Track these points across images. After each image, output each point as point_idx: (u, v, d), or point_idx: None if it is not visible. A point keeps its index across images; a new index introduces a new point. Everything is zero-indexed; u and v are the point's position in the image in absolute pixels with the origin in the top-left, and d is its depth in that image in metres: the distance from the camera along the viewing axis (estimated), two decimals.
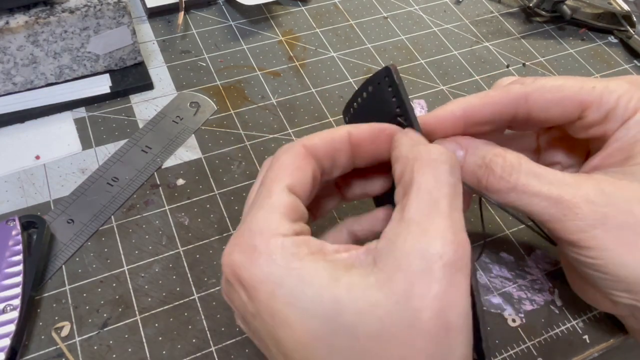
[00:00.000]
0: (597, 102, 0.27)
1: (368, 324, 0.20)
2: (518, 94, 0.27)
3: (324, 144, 0.25)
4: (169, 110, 0.42)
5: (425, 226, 0.21)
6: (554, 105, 0.27)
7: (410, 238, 0.21)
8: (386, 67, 0.26)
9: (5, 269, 0.31)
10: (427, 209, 0.21)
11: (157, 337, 0.31)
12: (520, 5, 0.55)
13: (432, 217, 0.21)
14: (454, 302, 0.20)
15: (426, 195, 0.22)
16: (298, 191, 0.24)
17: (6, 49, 0.37)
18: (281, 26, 0.50)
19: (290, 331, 0.21)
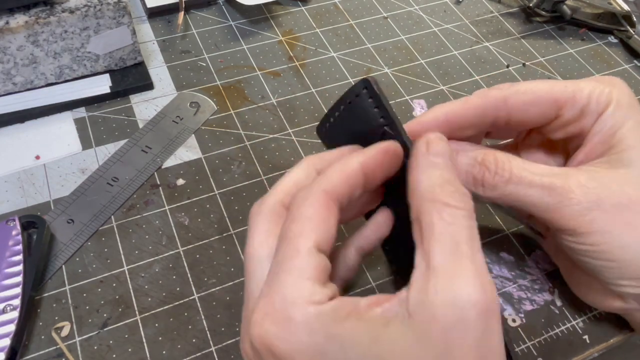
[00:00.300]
0: (571, 100, 0.28)
1: None
2: (497, 97, 0.28)
3: (342, 184, 0.24)
4: (169, 110, 0.42)
5: (453, 273, 0.21)
6: (532, 106, 0.28)
7: (440, 287, 0.21)
8: (363, 79, 0.27)
9: (5, 269, 0.31)
10: (451, 255, 0.21)
11: (157, 337, 0.31)
12: (520, 5, 0.55)
13: (458, 263, 0.21)
14: (491, 347, 0.21)
15: (449, 241, 0.22)
16: (324, 247, 0.23)
17: (6, 49, 0.37)
18: (281, 26, 0.50)
19: None
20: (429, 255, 0.22)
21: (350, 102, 0.27)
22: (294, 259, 0.22)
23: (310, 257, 0.22)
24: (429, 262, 0.22)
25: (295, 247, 0.22)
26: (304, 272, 0.22)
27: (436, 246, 0.22)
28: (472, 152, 0.28)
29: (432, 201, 0.23)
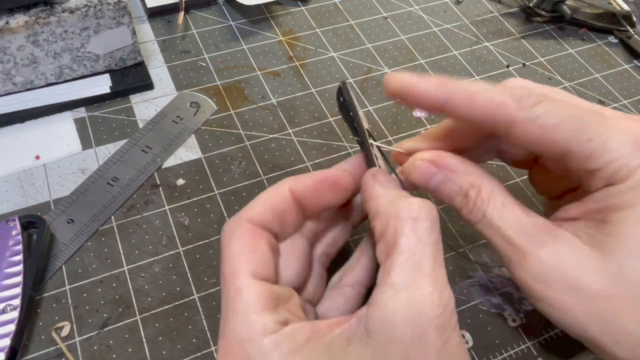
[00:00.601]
0: (585, 157, 0.24)
1: None
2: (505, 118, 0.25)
3: (266, 210, 0.25)
4: (169, 110, 0.42)
5: (412, 291, 0.21)
6: (537, 144, 0.25)
7: (399, 306, 0.21)
8: (339, 86, 0.28)
9: (5, 269, 0.31)
10: (412, 272, 0.22)
11: (157, 337, 0.31)
12: (520, 5, 0.55)
13: (417, 281, 0.21)
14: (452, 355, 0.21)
15: (410, 258, 0.22)
16: (264, 273, 0.23)
17: (6, 49, 0.37)
18: (281, 26, 0.50)
19: None
20: (390, 273, 0.22)
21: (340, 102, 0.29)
22: (237, 297, 0.23)
23: (251, 291, 0.23)
24: (390, 280, 0.22)
25: (235, 285, 0.23)
26: (250, 308, 0.22)
27: (397, 265, 0.22)
28: (463, 177, 0.26)
29: (395, 217, 0.23)
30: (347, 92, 0.28)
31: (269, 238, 0.25)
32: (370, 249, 0.29)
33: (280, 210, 0.25)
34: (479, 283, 0.35)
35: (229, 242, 0.24)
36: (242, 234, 0.24)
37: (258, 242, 0.24)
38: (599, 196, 0.25)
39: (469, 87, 0.26)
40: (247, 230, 0.24)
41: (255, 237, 0.24)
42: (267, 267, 0.24)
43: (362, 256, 0.29)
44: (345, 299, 0.28)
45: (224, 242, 0.25)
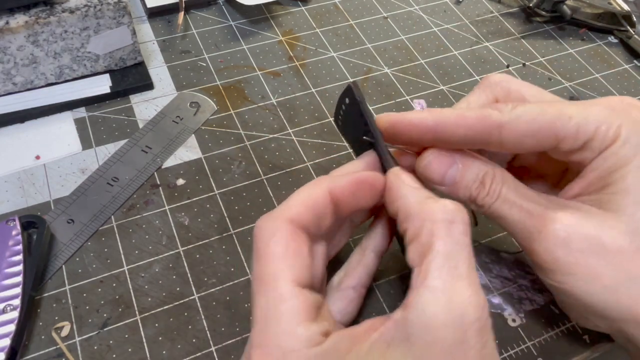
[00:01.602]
0: (573, 134, 0.26)
1: None
2: (492, 124, 0.26)
3: (307, 210, 0.24)
4: (169, 110, 0.42)
5: (451, 294, 0.21)
6: (528, 137, 0.26)
7: (439, 308, 0.21)
8: (347, 87, 0.27)
9: (5, 269, 0.31)
10: (449, 275, 0.22)
11: (157, 337, 0.31)
12: (520, 5, 0.55)
13: (455, 284, 0.21)
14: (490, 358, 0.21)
15: (447, 261, 0.22)
16: (305, 281, 0.23)
17: (6, 49, 0.37)
18: (281, 26, 0.50)
19: None
20: (427, 276, 0.22)
21: (347, 102, 0.28)
22: (279, 305, 0.22)
23: (295, 300, 0.22)
24: (427, 282, 0.21)
25: (277, 292, 0.22)
26: (294, 318, 0.22)
27: (434, 267, 0.22)
28: (477, 167, 0.27)
29: (431, 220, 0.23)
30: (360, 91, 0.27)
31: (307, 241, 0.24)
32: (371, 250, 0.29)
33: (319, 212, 0.25)
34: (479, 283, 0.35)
35: (268, 243, 0.23)
36: (283, 235, 0.23)
37: (300, 246, 0.23)
38: (595, 164, 0.26)
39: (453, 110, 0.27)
40: (289, 232, 0.23)
41: (298, 240, 0.23)
42: (307, 273, 0.23)
43: (364, 257, 0.29)
44: (347, 301, 0.28)
45: (262, 241, 0.23)
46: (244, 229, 0.36)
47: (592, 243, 0.25)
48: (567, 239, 0.25)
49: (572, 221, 0.25)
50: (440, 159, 0.27)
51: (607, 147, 0.26)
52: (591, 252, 0.25)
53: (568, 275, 0.25)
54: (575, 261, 0.25)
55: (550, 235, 0.25)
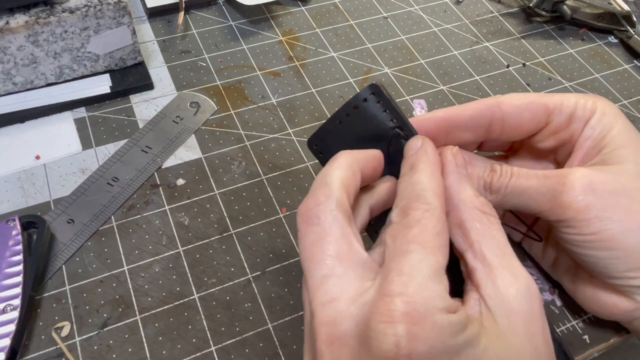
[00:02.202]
0: (559, 106, 0.30)
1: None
2: (492, 102, 0.30)
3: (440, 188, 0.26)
4: (169, 110, 0.42)
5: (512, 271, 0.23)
6: (524, 110, 0.30)
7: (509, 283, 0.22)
8: (371, 84, 0.27)
9: (6, 269, 0.31)
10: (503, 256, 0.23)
11: (157, 337, 0.31)
12: (520, 5, 0.55)
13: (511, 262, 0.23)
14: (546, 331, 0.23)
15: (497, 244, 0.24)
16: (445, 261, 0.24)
17: (6, 49, 0.37)
18: (281, 26, 0.50)
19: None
20: (485, 257, 0.23)
21: (357, 107, 0.28)
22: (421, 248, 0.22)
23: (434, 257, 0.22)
24: (487, 263, 0.23)
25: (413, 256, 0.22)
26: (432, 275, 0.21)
27: (489, 249, 0.23)
28: (483, 161, 0.30)
29: (473, 209, 0.24)
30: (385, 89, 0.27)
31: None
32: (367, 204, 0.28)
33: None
34: None
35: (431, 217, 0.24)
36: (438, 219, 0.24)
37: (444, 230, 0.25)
38: (586, 133, 0.29)
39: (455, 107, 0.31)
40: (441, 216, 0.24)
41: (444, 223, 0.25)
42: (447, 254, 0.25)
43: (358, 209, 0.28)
44: None
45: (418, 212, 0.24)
46: (244, 229, 0.36)
47: (615, 185, 0.27)
48: (591, 184, 0.27)
49: (590, 171, 0.27)
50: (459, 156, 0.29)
51: (590, 117, 0.29)
52: (617, 193, 0.27)
53: (604, 220, 0.26)
54: (608, 203, 0.27)
55: (576, 183, 0.27)
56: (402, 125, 0.27)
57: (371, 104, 0.27)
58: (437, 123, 0.30)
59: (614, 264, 0.27)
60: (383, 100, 0.27)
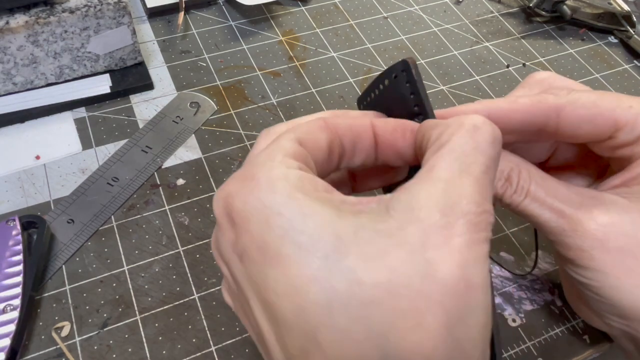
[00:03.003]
0: (632, 124, 0.25)
1: (375, 271, 0.18)
2: (550, 107, 0.25)
3: (344, 125, 0.23)
4: (169, 110, 0.42)
5: (452, 185, 0.19)
6: (586, 123, 0.25)
7: (433, 192, 0.19)
8: (403, 60, 0.24)
9: (5, 269, 0.31)
10: (458, 171, 0.19)
11: (157, 337, 0.31)
12: (520, 5, 0.55)
13: (462, 179, 0.19)
14: (475, 259, 0.18)
15: (460, 157, 0.20)
16: (309, 149, 0.22)
17: (6, 49, 0.37)
18: (281, 26, 0.50)
19: (282, 270, 0.18)
20: (433, 168, 0.20)
21: (389, 82, 0.25)
22: (273, 143, 0.21)
23: (290, 142, 0.21)
24: (432, 174, 0.19)
25: (277, 140, 0.22)
26: (280, 148, 0.21)
27: (444, 160, 0.20)
28: (502, 163, 0.26)
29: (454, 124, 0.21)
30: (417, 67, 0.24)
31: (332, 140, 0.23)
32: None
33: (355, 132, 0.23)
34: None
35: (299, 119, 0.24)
36: (310, 120, 0.23)
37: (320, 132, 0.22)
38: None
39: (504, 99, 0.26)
40: (318, 122, 0.23)
41: (322, 129, 0.22)
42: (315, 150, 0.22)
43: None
44: None
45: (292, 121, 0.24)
46: None
47: (630, 242, 0.24)
48: (603, 239, 0.25)
49: (609, 220, 0.25)
50: None
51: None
52: (628, 250, 0.24)
53: (601, 274, 0.25)
54: (612, 260, 0.25)
55: (587, 234, 0.25)
56: (424, 115, 0.24)
57: (400, 83, 0.24)
58: None
59: (599, 305, 0.27)
60: (411, 81, 0.24)
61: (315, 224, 0.18)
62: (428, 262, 0.18)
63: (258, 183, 0.19)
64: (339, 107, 0.44)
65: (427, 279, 0.17)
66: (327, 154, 0.22)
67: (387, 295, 0.17)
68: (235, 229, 0.20)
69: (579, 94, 0.26)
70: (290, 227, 0.18)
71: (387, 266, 0.18)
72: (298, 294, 0.18)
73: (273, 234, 0.19)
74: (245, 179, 0.20)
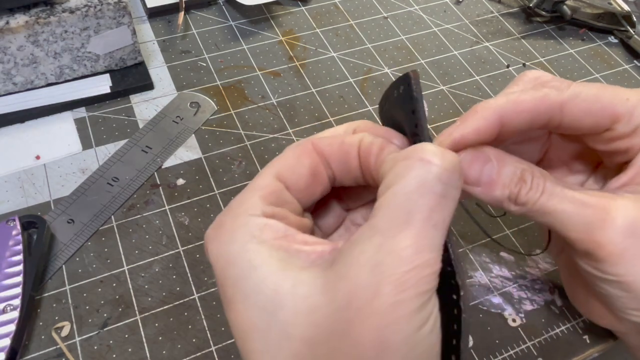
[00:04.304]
0: (629, 115, 0.25)
1: (304, 326, 0.19)
2: (554, 103, 0.25)
3: (332, 144, 0.24)
4: (169, 110, 0.42)
5: (387, 239, 0.19)
6: (588, 116, 0.26)
7: (367, 248, 0.19)
8: (406, 75, 0.23)
9: (6, 269, 0.31)
10: (397, 219, 0.19)
11: (157, 337, 0.31)
12: (520, 5, 0.55)
13: (400, 230, 0.19)
14: (396, 322, 0.18)
15: (402, 204, 0.19)
16: (287, 179, 0.23)
17: (6, 49, 0.37)
18: (281, 26, 0.50)
19: (234, 314, 0.20)
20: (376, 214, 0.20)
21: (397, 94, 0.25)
22: (255, 180, 0.23)
23: (265, 179, 0.23)
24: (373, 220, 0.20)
25: (259, 174, 0.23)
26: (253, 190, 0.22)
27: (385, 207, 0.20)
28: (514, 164, 0.26)
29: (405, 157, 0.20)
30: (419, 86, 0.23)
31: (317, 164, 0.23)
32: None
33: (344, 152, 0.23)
34: (479, 283, 0.35)
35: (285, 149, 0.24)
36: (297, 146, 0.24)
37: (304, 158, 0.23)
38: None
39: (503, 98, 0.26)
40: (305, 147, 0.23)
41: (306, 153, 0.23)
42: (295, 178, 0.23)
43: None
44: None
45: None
46: None
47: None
48: (634, 226, 0.24)
49: (635, 205, 0.24)
50: (474, 157, 0.25)
51: None
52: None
53: (631, 267, 0.24)
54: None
55: (617, 224, 0.24)
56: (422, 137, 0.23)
57: (404, 97, 0.24)
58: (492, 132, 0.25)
59: (621, 301, 0.26)
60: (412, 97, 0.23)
61: (259, 277, 0.20)
62: (348, 321, 0.19)
63: (224, 232, 0.21)
64: (339, 107, 0.44)
65: (344, 339, 0.19)
66: (310, 179, 0.23)
67: (309, 352, 0.19)
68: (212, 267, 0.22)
69: (580, 87, 0.26)
70: (240, 277, 0.20)
71: (314, 323, 0.19)
72: (244, 338, 0.20)
73: (228, 281, 0.21)
74: (217, 227, 0.22)
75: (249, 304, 0.20)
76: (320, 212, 0.26)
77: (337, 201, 0.27)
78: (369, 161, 0.23)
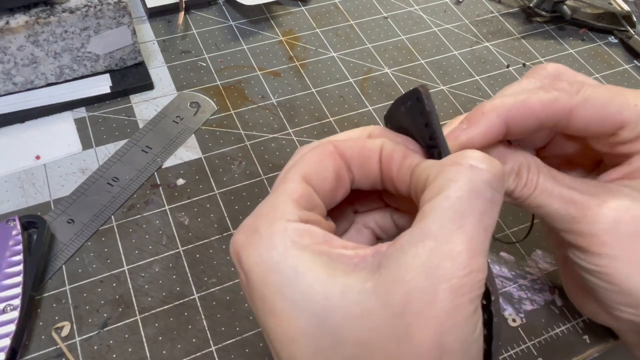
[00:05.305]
0: (635, 123, 0.26)
1: (357, 331, 0.19)
2: (564, 108, 0.25)
3: (353, 148, 0.24)
4: (169, 110, 0.42)
5: (441, 243, 0.19)
6: (595, 122, 0.26)
7: (421, 252, 0.19)
8: (416, 89, 0.23)
9: (6, 269, 0.31)
10: (450, 224, 0.19)
11: (157, 337, 0.31)
12: (520, 5, 0.55)
13: (453, 234, 0.19)
14: (454, 326, 0.19)
15: (454, 207, 0.20)
16: (314, 183, 0.23)
17: (6, 49, 0.37)
18: (281, 26, 0.50)
19: (278, 322, 0.20)
20: (426, 217, 0.20)
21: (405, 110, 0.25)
22: (281, 184, 0.22)
23: (295, 183, 0.22)
24: (424, 223, 0.20)
25: (285, 177, 0.23)
26: (285, 193, 0.22)
27: (438, 210, 0.20)
28: (511, 160, 0.26)
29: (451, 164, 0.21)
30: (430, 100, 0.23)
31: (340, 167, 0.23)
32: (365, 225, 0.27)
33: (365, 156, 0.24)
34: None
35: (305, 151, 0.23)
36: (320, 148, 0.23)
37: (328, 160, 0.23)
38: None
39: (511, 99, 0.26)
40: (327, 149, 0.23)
41: (330, 156, 0.23)
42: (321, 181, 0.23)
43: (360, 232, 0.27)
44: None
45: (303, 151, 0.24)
46: None
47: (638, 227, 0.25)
48: (615, 222, 0.25)
49: (620, 204, 0.25)
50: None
51: None
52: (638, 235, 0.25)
53: (613, 259, 0.25)
54: (624, 244, 0.25)
55: (598, 218, 0.25)
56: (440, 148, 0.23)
57: (415, 111, 0.24)
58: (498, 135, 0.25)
59: (608, 295, 0.26)
60: (424, 112, 0.24)
61: (307, 284, 0.20)
62: (406, 326, 0.18)
63: (260, 238, 0.21)
64: (339, 107, 0.44)
65: (402, 344, 0.19)
66: (334, 182, 0.23)
67: (366, 355, 0.19)
68: (244, 275, 0.21)
69: (589, 92, 0.26)
70: (285, 284, 0.20)
71: (368, 327, 0.19)
72: (289, 344, 0.20)
73: (270, 289, 0.20)
74: (249, 233, 0.21)
75: (297, 310, 0.20)
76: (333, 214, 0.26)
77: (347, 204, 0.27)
78: (391, 168, 0.23)
